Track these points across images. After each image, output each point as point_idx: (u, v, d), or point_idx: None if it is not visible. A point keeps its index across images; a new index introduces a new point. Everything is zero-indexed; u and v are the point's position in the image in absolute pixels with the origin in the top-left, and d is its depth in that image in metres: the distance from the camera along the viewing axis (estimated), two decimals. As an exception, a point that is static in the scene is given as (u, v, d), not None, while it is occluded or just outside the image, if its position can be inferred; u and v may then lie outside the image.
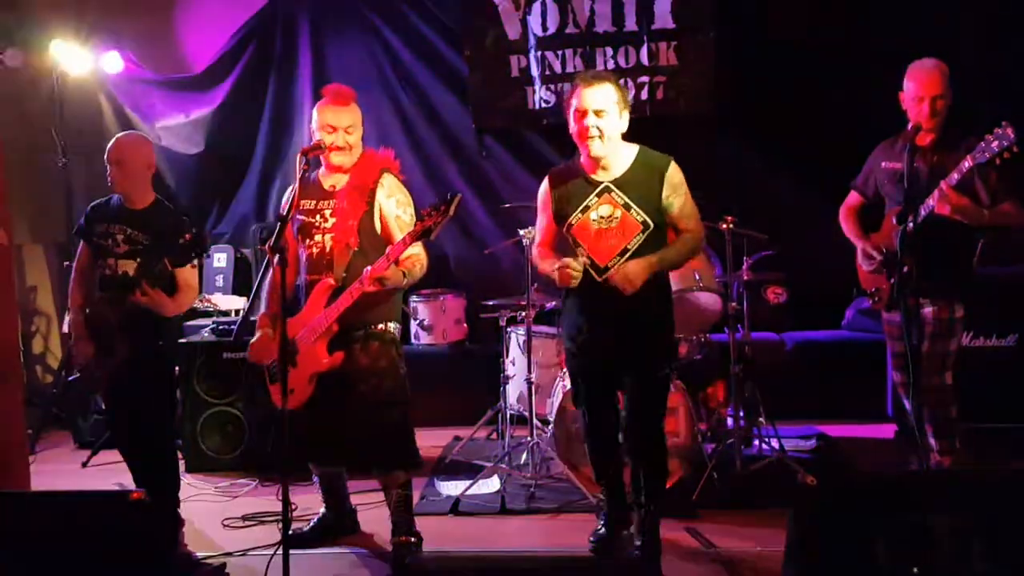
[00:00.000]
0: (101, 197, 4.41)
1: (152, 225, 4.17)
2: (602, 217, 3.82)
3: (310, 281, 3.97)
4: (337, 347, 3.90)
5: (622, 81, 6.91)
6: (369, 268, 3.74)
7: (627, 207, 3.81)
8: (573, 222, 3.86)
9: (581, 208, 3.85)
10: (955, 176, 3.94)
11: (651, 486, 3.96)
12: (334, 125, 3.97)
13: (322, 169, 4.10)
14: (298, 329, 3.92)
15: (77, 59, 6.71)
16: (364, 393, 3.91)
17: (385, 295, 3.90)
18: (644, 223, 3.81)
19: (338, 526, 4.40)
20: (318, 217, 3.99)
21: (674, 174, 3.87)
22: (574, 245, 3.90)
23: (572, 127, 3.86)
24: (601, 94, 3.76)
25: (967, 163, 3.88)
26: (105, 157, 4.24)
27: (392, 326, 4.04)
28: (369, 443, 3.92)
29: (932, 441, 4.24)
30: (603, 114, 3.76)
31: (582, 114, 3.77)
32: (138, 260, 4.09)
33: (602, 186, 3.85)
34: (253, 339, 4.09)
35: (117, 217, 4.23)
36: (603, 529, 4.16)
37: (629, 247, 3.80)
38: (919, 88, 4.12)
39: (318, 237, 3.97)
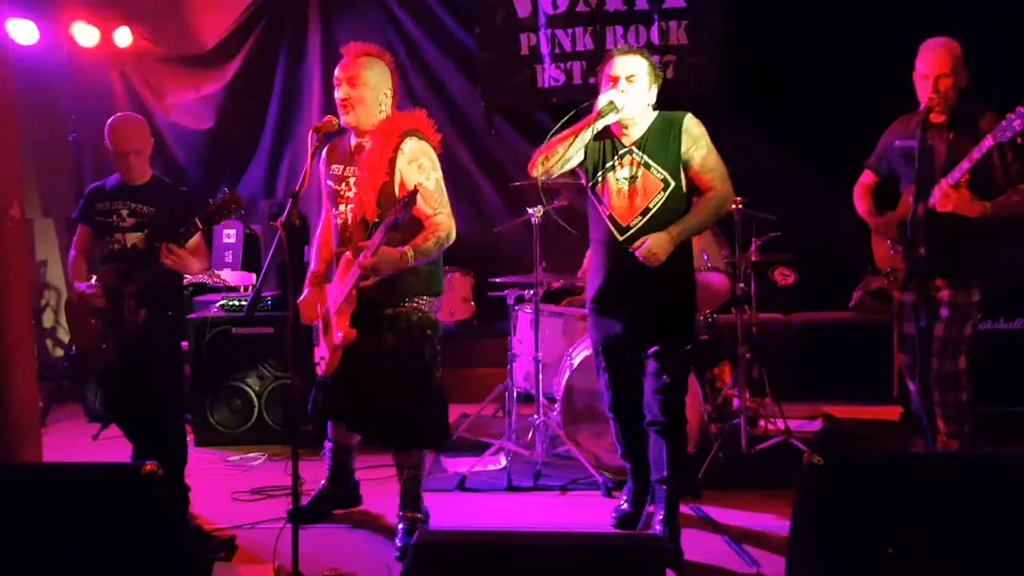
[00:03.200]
0: (109, 171, 4.45)
1: (155, 198, 4.27)
2: (623, 178, 3.84)
3: (338, 252, 3.92)
4: (361, 323, 3.81)
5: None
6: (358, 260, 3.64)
7: (646, 166, 3.81)
8: (599, 179, 3.90)
9: (607, 167, 3.89)
10: (956, 174, 3.89)
11: (672, 463, 3.90)
12: (340, 77, 3.85)
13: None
14: (329, 298, 3.96)
15: (88, 34, 6.71)
16: (386, 374, 3.86)
17: (410, 269, 3.78)
18: (664, 181, 3.80)
19: (340, 499, 4.41)
20: (343, 185, 3.91)
21: (692, 126, 3.84)
22: (596, 204, 3.92)
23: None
24: (634, 62, 3.81)
25: (988, 142, 3.81)
26: (109, 142, 4.28)
27: (425, 301, 3.93)
28: (389, 420, 3.92)
29: (940, 424, 4.21)
30: (633, 79, 3.78)
31: (614, 80, 3.79)
32: (145, 232, 4.19)
33: (625, 149, 3.87)
34: (301, 297, 4.06)
35: (118, 194, 4.30)
36: (627, 505, 4.17)
37: (651, 206, 3.80)
38: (924, 66, 4.08)
39: (342, 207, 3.91)
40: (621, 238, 3.82)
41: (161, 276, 4.11)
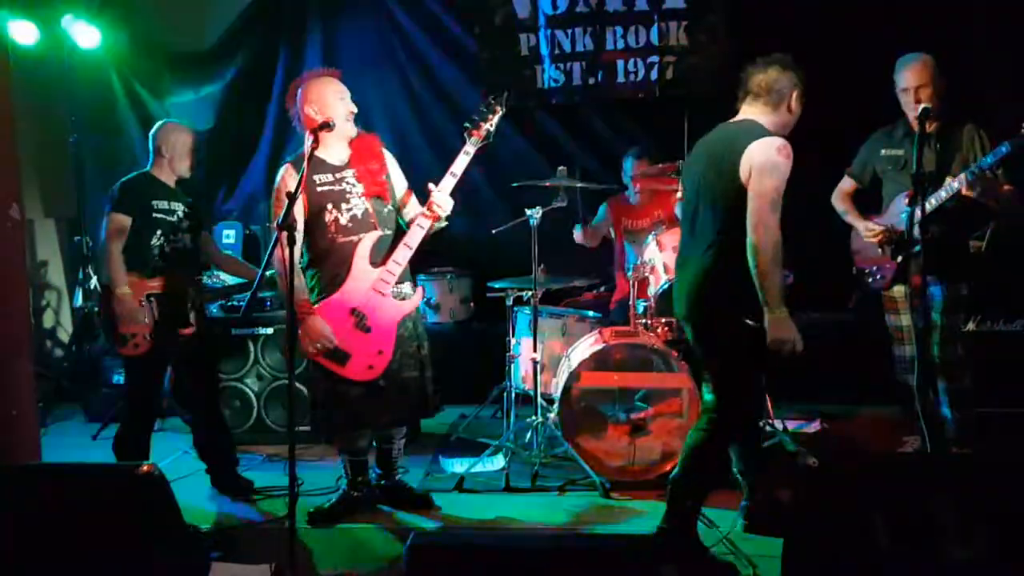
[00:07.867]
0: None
1: (189, 199, 4.64)
2: None
3: (351, 243, 4.09)
4: None
5: (632, 61, 6.92)
6: (433, 191, 4.12)
7: None
8: None
9: None
10: (980, 165, 4.14)
11: None
12: (343, 95, 4.19)
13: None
14: (357, 296, 4.07)
15: (88, 34, 6.71)
16: (409, 352, 4.20)
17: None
18: None
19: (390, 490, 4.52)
20: (346, 184, 4.14)
21: None
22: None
23: None
24: None
25: (1004, 148, 4.03)
26: (174, 141, 4.54)
27: (408, 284, 4.26)
28: (408, 400, 4.20)
29: (947, 412, 4.40)
30: None
31: None
32: (191, 233, 4.60)
33: None
34: (303, 326, 3.98)
35: (167, 194, 4.55)
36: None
37: None
38: (903, 80, 4.36)
39: (354, 201, 4.12)
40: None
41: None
